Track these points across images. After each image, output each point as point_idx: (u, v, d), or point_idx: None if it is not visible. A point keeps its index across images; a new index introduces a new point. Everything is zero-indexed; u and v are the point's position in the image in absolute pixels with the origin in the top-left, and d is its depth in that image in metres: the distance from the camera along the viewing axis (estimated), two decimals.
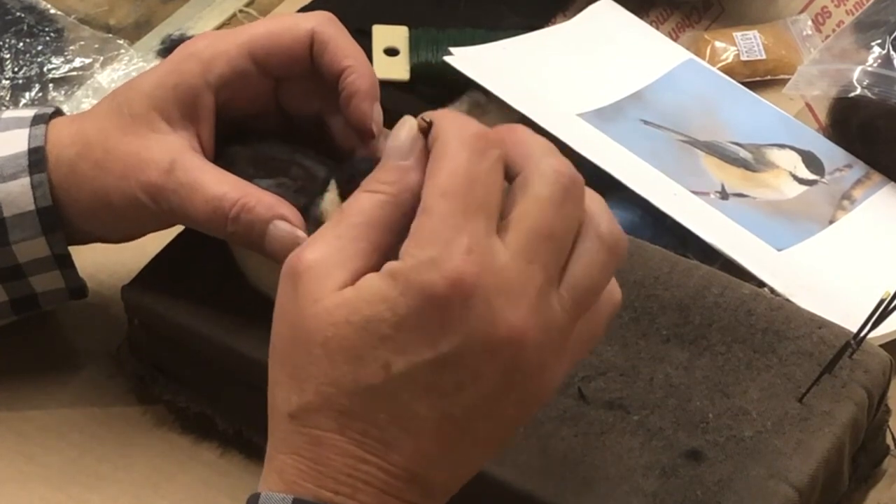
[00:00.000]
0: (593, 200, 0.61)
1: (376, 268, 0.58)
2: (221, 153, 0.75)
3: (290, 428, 0.59)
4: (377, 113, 0.73)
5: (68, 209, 0.75)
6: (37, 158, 0.74)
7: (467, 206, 0.57)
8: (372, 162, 0.64)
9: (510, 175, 0.60)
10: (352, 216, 0.60)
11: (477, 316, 0.57)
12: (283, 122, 0.77)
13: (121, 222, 0.76)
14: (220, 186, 0.72)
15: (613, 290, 0.63)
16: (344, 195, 0.68)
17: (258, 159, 0.74)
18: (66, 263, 0.77)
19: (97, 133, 0.75)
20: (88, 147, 0.75)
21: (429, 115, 0.61)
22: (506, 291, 0.57)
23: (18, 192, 0.74)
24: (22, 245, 0.75)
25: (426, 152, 0.60)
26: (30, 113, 0.77)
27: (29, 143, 0.75)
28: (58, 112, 0.78)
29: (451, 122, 0.60)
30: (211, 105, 0.74)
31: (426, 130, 0.60)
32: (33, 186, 0.74)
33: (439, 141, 0.59)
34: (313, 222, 0.70)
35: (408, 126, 0.61)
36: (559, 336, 0.59)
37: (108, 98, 0.77)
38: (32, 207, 0.75)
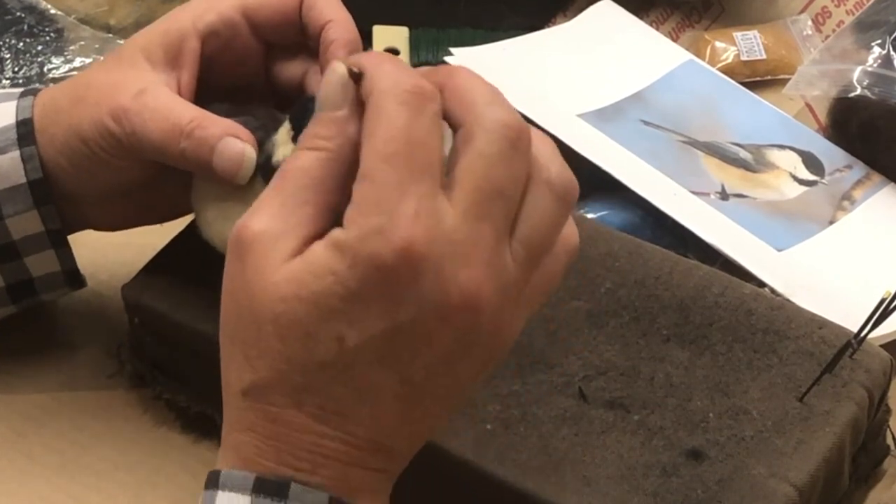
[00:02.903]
0: (542, 144, 0.60)
1: (325, 229, 0.57)
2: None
3: (244, 405, 0.58)
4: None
5: (52, 164, 0.75)
6: (25, 131, 0.75)
7: (410, 169, 0.56)
8: None
9: (451, 124, 0.58)
10: (294, 178, 0.58)
11: (429, 284, 0.55)
12: (272, 100, 0.77)
13: (92, 164, 0.74)
14: (184, 110, 0.72)
15: (569, 234, 0.61)
16: (297, 129, 0.67)
17: (231, 111, 0.74)
18: (59, 242, 0.77)
19: (83, 74, 0.77)
20: (72, 84, 0.76)
21: (357, 60, 0.59)
22: (457, 255, 0.56)
23: (9, 166, 0.75)
24: (15, 219, 0.76)
25: (360, 101, 0.58)
26: (21, 90, 0.78)
27: (17, 116, 0.75)
28: None
29: (385, 74, 0.57)
30: (196, 50, 0.74)
31: (357, 77, 0.58)
32: (24, 160, 0.75)
33: (374, 96, 0.57)
34: (265, 155, 0.69)
35: (338, 74, 0.59)
36: (515, 291, 0.58)
37: None
38: (24, 180, 0.75)
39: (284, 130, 0.68)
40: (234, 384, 0.59)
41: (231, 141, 0.70)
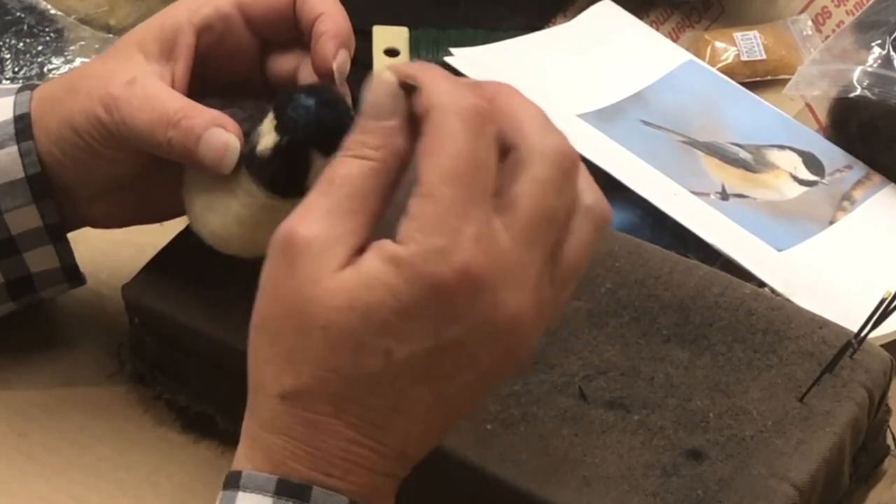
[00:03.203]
0: (581, 171, 0.61)
1: (368, 239, 0.57)
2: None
3: (280, 408, 0.58)
4: (341, 57, 0.72)
5: (47, 157, 0.75)
6: (23, 126, 0.75)
7: (472, 191, 0.56)
8: (312, 89, 0.64)
9: (503, 146, 0.59)
10: (342, 186, 0.58)
11: (483, 305, 0.56)
12: (268, 95, 0.77)
13: (85, 154, 0.75)
14: (172, 100, 0.72)
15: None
16: (280, 119, 0.67)
17: (221, 104, 0.74)
18: (58, 237, 0.77)
19: (79, 67, 0.78)
20: (68, 76, 0.77)
21: (410, 72, 0.59)
22: (509, 278, 0.57)
23: (7, 161, 0.75)
24: (14, 214, 0.76)
25: (411, 113, 0.58)
26: (18, 86, 0.78)
27: (14, 111, 0.76)
28: None
29: (445, 91, 0.58)
30: (190, 44, 0.74)
31: (409, 89, 0.58)
32: (21, 154, 0.75)
33: (436, 113, 0.57)
34: (250, 145, 0.70)
35: (387, 82, 0.59)
36: (549, 313, 0.59)
37: None
38: (22, 175, 0.75)
39: (268, 120, 0.68)
40: (270, 386, 0.59)
41: (216, 131, 0.70)
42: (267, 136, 0.68)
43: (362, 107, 0.59)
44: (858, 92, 0.95)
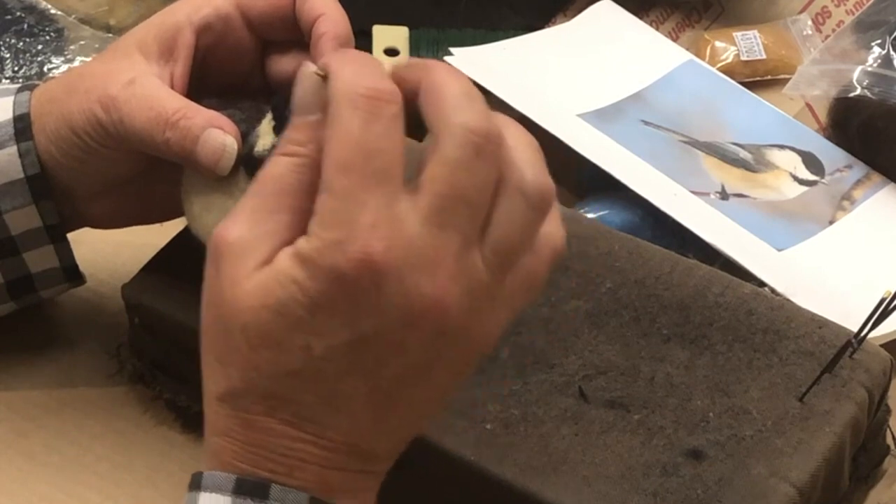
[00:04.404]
0: (521, 147, 0.59)
1: (301, 234, 0.57)
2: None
3: (220, 411, 0.59)
4: None
5: (45, 156, 0.75)
6: (23, 126, 0.75)
7: (365, 178, 0.55)
8: None
9: (427, 125, 0.58)
10: (268, 185, 0.58)
11: (391, 292, 0.55)
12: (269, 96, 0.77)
13: (83, 153, 0.75)
14: (170, 101, 0.72)
15: (552, 233, 0.60)
16: (278, 120, 0.67)
17: (220, 105, 0.74)
18: (58, 237, 0.77)
19: (79, 66, 0.78)
20: (67, 76, 0.77)
21: (325, 61, 0.58)
22: (419, 263, 0.56)
23: (7, 161, 0.75)
24: (14, 214, 0.76)
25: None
26: (18, 85, 0.78)
27: (14, 111, 0.76)
28: None
29: (343, 76, 0.57)
30: (189, 43, 0.74)
31: (326, 80, 0.58)
32: (21, 154, 0.75)
33: (332, 101, 0.57)
34: (248, 146, 0.70)
35: (308, 78, 0.59)
36: (486, 294, 0.58)
37: None
38: (21, 175, 0.75)
39: (266, 121, 0.69)
40: (211, 390, 0.59)
41: (214, 132, 0.71)
42: (265, 137, 0.68)
43: (292, 104, 0.59)
44: (858, 92, 0.95)
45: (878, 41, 0.98)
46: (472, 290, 0.57)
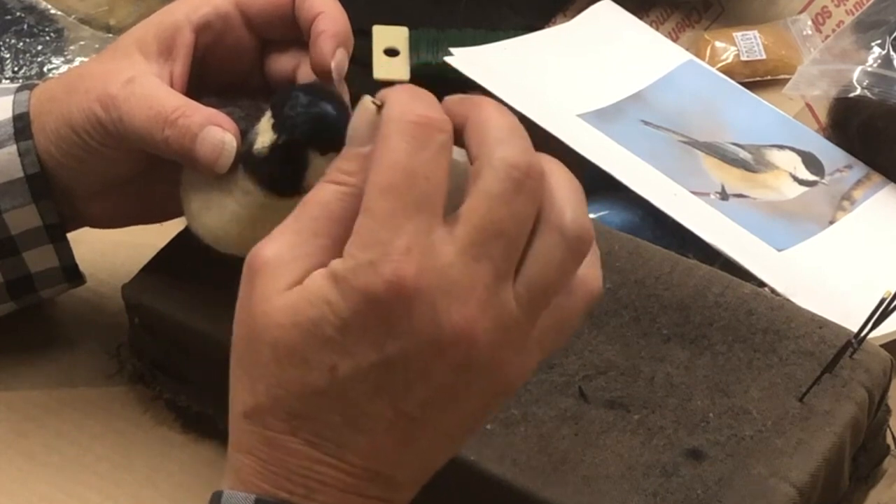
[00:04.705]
0: (562, 187, 0.59)
1: (332, 259, 0.57)
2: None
3: (245, 427, 0.58)
4: (339, 56, 0.72)
5: (45, 156, 0.75)
6: (22, 125, 0.75)
7: (406, 203, 0.56)
8: (309, 87, 0.64)
9: (470, 158, 0.58)
10: (312, 209, 0.58)
11: (420, 317, 0.55)
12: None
13: (82, 152, 0.75)
14: (169, 99, 0.72)
15: (589, 276, 0.60)
16: (277, 117, 0.67)
17: (219, 103, 0.74)
18: (58, 236, 0.77)
19: (78, 66, 0.78)
20: (67, 75, 0.78)
21: (382, 93, 0.58)
22: (450, 291, 0.56)
23: (6, 161, 0.75)
24: (13, 214, 0.76)
25: None
26: (18, 85, 0.78)
27: (14, 110, 0.76)
28: None
29: (395, 104, 0.57)
30: (189, 42, 0.74)
31: (381, 109, 0.58)
32: (20, 154, 0.75)
33: (382, 125, 0.57)
34: (248, 144, 0.70)
35: (364, 109, 0.59)
36: (517, 331, 0.58)
37: None
38: (21, 175, 0.75)
39: (266, 119, 0.68)
40: (237, 405, 0.59)
41: (213, 129, 0.71)
42: (264, 135, 0.68)
43: (347, 135, 0.59)
44: (858, 92, 0.95)
45: (878, 41, 0.98)
46: (503, 324, 0.57)
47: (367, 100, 0.59)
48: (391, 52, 1.01)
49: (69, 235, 0.78)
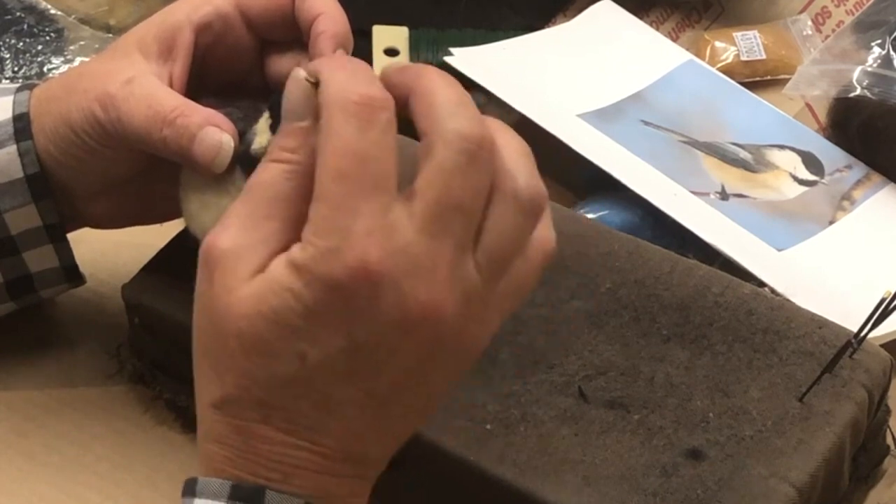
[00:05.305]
0: (512, 152, 0.59)
1: (292, 242, 0.57)
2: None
3: (214, 417, 0.59)
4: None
5: (44, 155, 0.75)
6: (22, 125, 0.75)
7: (361, 186, 0.55)
8: None
9: (418, 131, 0.58)
10: (259, 191, 0.58)
11: (387, 301, 0.55)
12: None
13: (81, 152, 0.75)
14: (168, 99, 0.72)
15: (544, 238, 0.60)
16: (275, 118, 0.67)
17: (217, 104, 0.74)
18: (58, 237, 0.77)
19: (78, 66, 0.77)
20: (66, 75, 0.78)
21: (315, 66, 0.58)
22: (414, 270, 0.56)
23: (7, 161, 0.75)
24: (13, 214, 0.76)
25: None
26: (17, 85, 0.78)
27: (13, 110, 0.76)
28: None
29: (334, 83, 0.57)
30: (189, 43, 0.74)
31: (317, 85, 0.58)
32: (20, 154, 0.75)
33: (324, 109, 0.57)
34: (245, 144, 0.70)
35: (298, 83, 0.58)
36: (479, 300, 0.58)
37: None
38: (21, 174, 0.75)
39: (263, 119, 0.68)
40: (204, 397, 0.59)
41: (211, 130, 0.71)
42: (262, 135, 0.68)
43: (282, 109, 0.59)
44: (858, 92, 0.95)
45: (878, 41, 0.98)
46: (467, 295, 0.57)
47: (298, 72, 0.58)
48: (391, 52, 1.01)
49: (69, 235, 0.78)
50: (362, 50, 0.98)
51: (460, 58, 0.98)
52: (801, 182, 0.96)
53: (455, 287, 0.57)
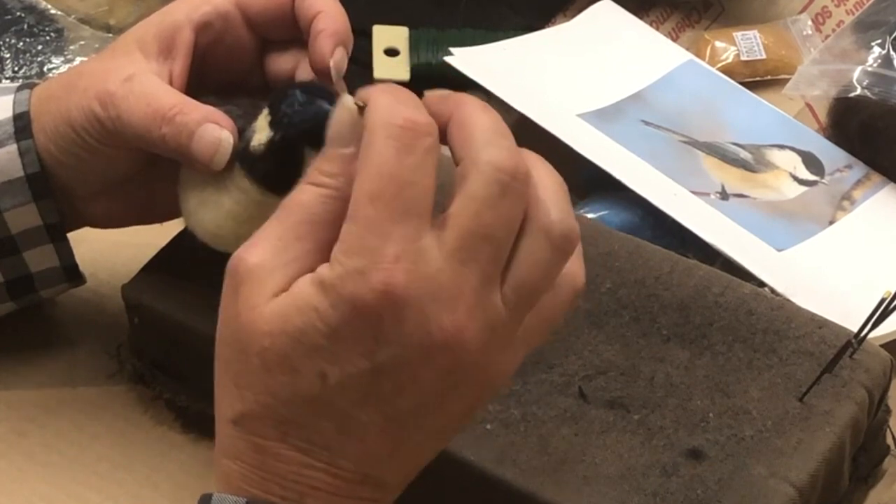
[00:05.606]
0: (547, 186, 0.59)
1: (319, 263, 0.57)
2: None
3: (233, 433, 0.58)
4: (338, 55, 0.72)
5: (44, 154, 0.75)
6: (22, 124, 0.75)
7: (394, 209, 0.55)
8: (307, 85, 0.64)
9: (455, 159, 0.58)
10: (294, 213, 0.58)
11: (411, 324, 0.55)
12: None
13: (81, 150, 0.75)
14: (167, 97, 0.72)
15: (574, 274, 0.60)
16: (274, 115, 0.67)
17: (217, 102, 0.74)
18: (58, 236, 0.77)
19: (78, 64, 0.77)
20: (66, 74, 0.78)
21: (365, 93, 0.58)
22: (439, 296, 0.55)
23: (7, 160, 0.75)
24: (13, 213, 0.76)
25: None
26: (18, 84, 0.78)
27: (14, 109, 0.76)
28: None
29: (379, 108, 0.57)
30: (189, 41, 0.74)
31: (363, 111, 0.58)
32: (21, 153, 0.75)
33: (366, 132, 0.57)
34: (245, 141, 0.70)
35: (345, 109, 0.58)
36: (504, 332, 0.58)
37: None
38: (21, 174, 0.75)
39: (263, 116, 0.68)
40: (224, 412, 0.59)
41: (210, 127, 0.71)
42: (261, 132, 0.68)
43: (327, 134, 0.59)
44: (858, 92, 0.95)
45: (878, 41, 0.98)
46: (490, 327, 0.57)
47: (347, 99, 0.58)
48: (391, 52, 1.01)
49: (69, 235, 0.78)
50: (362, 50, 0.98)
51: (460, 58, 0.98)
52: (802, 182, 0.96)
53: (479, 316, 0.57)
